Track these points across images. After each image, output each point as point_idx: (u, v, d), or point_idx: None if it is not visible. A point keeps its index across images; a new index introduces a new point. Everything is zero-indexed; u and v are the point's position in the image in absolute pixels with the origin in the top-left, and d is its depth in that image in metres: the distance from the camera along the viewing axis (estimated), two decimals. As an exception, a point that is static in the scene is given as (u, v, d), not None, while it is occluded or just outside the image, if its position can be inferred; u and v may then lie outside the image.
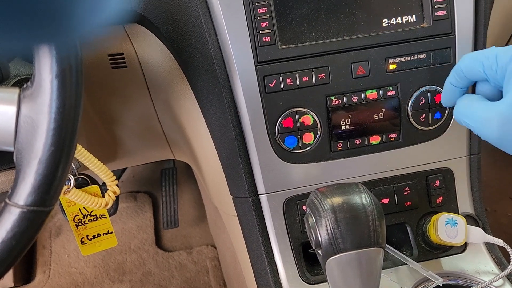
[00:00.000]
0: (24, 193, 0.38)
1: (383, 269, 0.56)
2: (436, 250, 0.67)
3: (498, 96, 0.51)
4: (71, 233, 1.44)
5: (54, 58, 0.38)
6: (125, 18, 0.64)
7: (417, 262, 0.62)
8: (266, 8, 0.59)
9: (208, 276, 1.37)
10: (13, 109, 0.39)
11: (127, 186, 1.55)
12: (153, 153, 0.94)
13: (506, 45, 0.83)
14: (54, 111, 0.37)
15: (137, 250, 1.43)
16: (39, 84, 0.38)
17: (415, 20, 0.62)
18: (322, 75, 0.61)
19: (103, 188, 0.68)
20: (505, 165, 1.45)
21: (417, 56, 0.63)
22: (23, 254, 0.41)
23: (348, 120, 0.63)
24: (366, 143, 0.65)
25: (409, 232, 0.68)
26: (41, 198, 0.39)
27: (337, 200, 0.51)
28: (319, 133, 0.63)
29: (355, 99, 0.62)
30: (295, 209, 0.66)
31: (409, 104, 0.64)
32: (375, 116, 0.64)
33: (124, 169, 1.51)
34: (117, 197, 0.67)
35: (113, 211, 0.72)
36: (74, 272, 1.39)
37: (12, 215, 0.38)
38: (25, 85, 0.39)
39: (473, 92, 0.54)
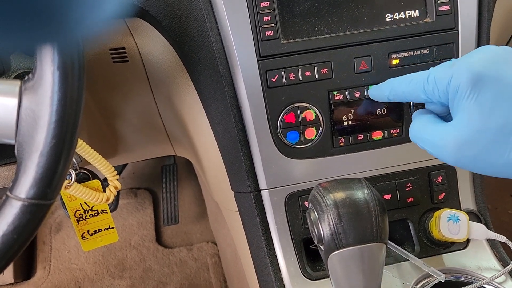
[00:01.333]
0: (25, 186, 0.38)
1: (385, 265, 0.56)
2: (438, 246, 0.67)
3: (448, 110, 0.50)
4: (71, 229, 1.44)
5: (56, 50, 0.37)
6: (127, 12, 0.64)
7: (419, 258, 0.62)
8: (268, 2, 0.58)
9: (209, 272, 1.37)
10: (14, 102, 0.39)
11: (128, 182, 1.54)
12: (154, 148, 0.94)
13: (507, 44, 0.83)
14: (56, 103, 0.37)
15: (137, 246, 1.42)
16: (40, 76, 0.38)
17: (418, 15, 0.62)
18: (325, 70, 0.61)
19: (104, 183, 0.67)
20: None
21: (420, 51, 0.62)
22: (24, 247, 0.40)
23: (350, 116, 0.63)
24: (368, 138, 0.64)
25: (411, 228, 0.68)
26: (43, 191, 0.38)
27: (339, 195, 0.50)
28: (321, 128, 0.63)
29: (357, 94, 0.62)
30: (296, 204, 0.65)
31: (411, 103, 0.63)
32: (377, 112, 0.63)
33: (125, 166, 1.51)
34: (118, 194, 0.67)
35: (113, 207, 0.72)
36: (74, 268, 1.39)
37: (13, 208, 0.38)
38: (26, 77, 0.39)
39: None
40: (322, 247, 0.52)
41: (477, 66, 0.43)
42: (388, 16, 0.62)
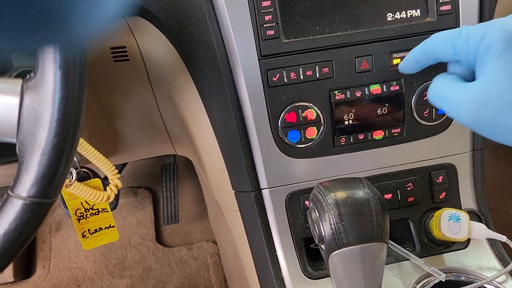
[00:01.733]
0: (26, 185, 0.38)
1: (385, 264, 0.56)
2: (439, 246, 0.67)
3: (471, 75, 0.49)
4: (71, 228, 1.44)
5: (58, 49, 0.37)
6: (128, 11, 0.64)
7: (420, 257, 0.62)
8: (270, 2, 0.58)
9: (209, 272, 1.37)
10: (16, 100, 0.39)
11: (128, 181, 1.54)
12: (155, 147, 0.94)
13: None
14: (58, 102, 0.37)
15: (137, 245, 1.42)
16: (42, 75, 0.38)
17: (419, 14, 0.62)
18: (326, 69, 0.61)
19: (105, 182, 0.67)
20: (507, 163, 1.45)
21: (422, 51, 0.62)
22: (25, 246, 0.40)
23: (351, 115, 0.63)
24: (369, 138, 0.64)
25: (411, 228, 0.68)
26: (44, 190, 0.38)
27: (340, 194, 0.50)
28: (322, 127, 0.63)
29: (358, 94, 0.62)
30: (297, 204, 0.65)
31: (413, 99, 0.63)
32: (378, 111, 0.63)
33: (125, 165, 1.51)
34: (118, 192, 0.67)
35: (113, 206, 0.72)
36: (74, 267, 1.39)
37: (15, 207, 0.38)
38: (28, 76, 0.39)
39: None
40: (323, 246, 0.52)
41: None
42: (389, 15, 0.62)
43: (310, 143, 0.63)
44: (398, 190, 0.66)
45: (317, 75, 0.61)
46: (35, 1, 0.20)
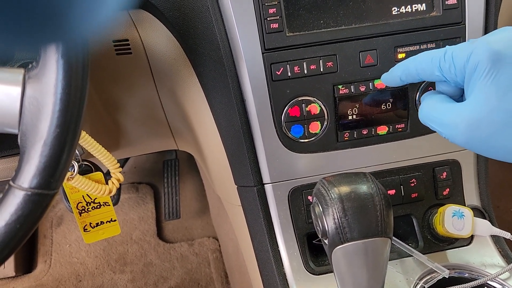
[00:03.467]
0: (28, 176, 0.38)
1: (388, 260, 0.55)
2: (442, 242, 0.67)
3: (459, 92, 0.49)
4: (72, 223, 1.44)
5: (60, 39, 0.37)
6: (131, 4, 0.63)
7: (423, 254, 0.62)
8: (274, -6, 0.58)
9: (210, 267, 1.36)
10: (17, 90, 0.38)
11: (129, 177, 1.54)
12: (156, 142, 0.93)
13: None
14: (60, 92, 0.37)
15: (138, 241, 1.42)
16: (44, 65, 0.37)
17: (425, 8, 0.61)
18: (330, 63, 0.60)
19: (107, 176, 0.67)
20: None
21: (427, 46, 0.62)
22: (26, 238, 0.40)
23: (355, 110, 0.62)
24: (373, 133, 0.64)
25: (415, 224, 0.68)
26: (46, 181, 0.38)
27: (344, 189, 0.50)
28: (325, 122, 0.62)
29: (363, 89, 0.62)
30: (300, 199, 0.65)
31: (417, 94, 0.63)
32: (382, 106, 0.63)
33: (126, 160, 1.51)
34: (119, 188, 0.67)
35: (115, 201, 0.71)
36: (75, 262, 1.38)
37: (16, 198, 0.38)
38: (30, 66, 0.39)
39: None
40: (326, 241, 0.51)
41: (498, 45, 0.41)
42: (394, 9, 0.61)
43: (313, 138, 0.63)
44: (402, 186, 0.66)
45: (321, 69, 0.60)
46: (36, 3, 0.19)
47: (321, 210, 0.51)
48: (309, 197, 0.64)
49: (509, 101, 0.40)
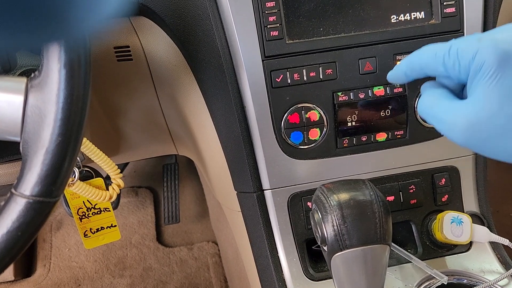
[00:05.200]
0: (30, 184, 0.38)
1: (388, 266, 0.56)
2: (441, 249, 0.67)
3: (461, 88, 0.48)
4: (71, 227, 1.44)
5: (63, 48, 0.37)
6: (131, 11, 0.64)
7: (422, 260, 0.62)
8: (274, 2, 0.58)
9: (209, 272, 1.36)
10: (20, 99, 0.39)
11: (129, 181, 1.54)
12: (156, 147, 0.94)
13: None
14: (62, 101, 0.37)
15: (137, 245, 1.42)
16: (47, 74, 0.37)
17: (423, 16, 0.62)
18: (329, 70, 0.61)
19: (107, 181, 0.67)
20: (508, 166, 1.45)
21: (425, 53, 0.62)
22: (28, 245, 0.40)
23: (354, 117, 0.63)
24: (372, 140, 0.64)
25: (414, 230, 0.68)
26: (48, 189, 0.38)
27: (343, 196, 0.50)
28: (325, 129, 0.62)
29: (362, 96, 0.62)
30: (299, 205, 0.65)
31: (416, 101, 0.63)
32: (381, 113, 0.63)
33: (126, 164, 1.51)
34: (120, 192, 0.67)
35: (115, 205, 0.72)
36: (75, 266, 1.38)
37: (18, 205, 0.38)
38: (32, 75, 0.39)
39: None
40: (325, 248, 0.51)
41: (506, 46, 0.40)
42: (393, 17, 0.61)
43: (313, 145, 0.63)
44: (401, 192, 0.66)
45: (321, 76, 0.61)
46: (38, 3, 0.20)
47: (320, 217, 0.51)
48: (309, 203, 0.65)
49: (511, 105, 0.39)
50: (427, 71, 0.48)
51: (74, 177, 0.61)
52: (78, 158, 0.63)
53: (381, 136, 0.64)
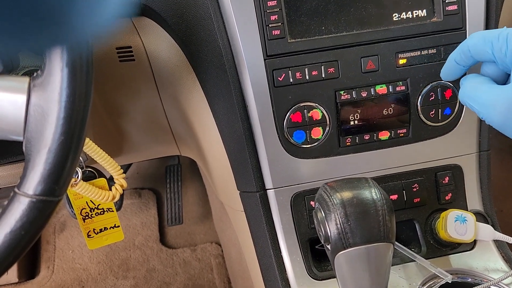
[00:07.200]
0: (33, 183, 0.38)
1: (391, 265, 0.55)
2: (445, 247, 0.67)
3: (504, 78, 0.50)
4: (75, 229, 1.44)
5: (65, 48, 0.37)
6: (133, 11, 0.64)
7: (426, 259, 0.62)
8: (275, 1, 0.58)
9: (212, 273, 1.36)
10: (23, 98, 0.39)
11: (132, 182, 1.54)
12: (159, 148, 0.94)
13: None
14: (65, 100, 0.37)
15: (141, 246, 1.42)
16: (49, 73, 0.38)
17: (425, 14, 0.62)
18: (332, 69, 0.61)
19: (110, 182, 0.67)
20: None
21: (428, 51, 0.62)
22: (31, 244, 0.40)
23: (357, 115, 0.63)
24: (375, 138, 0.64)
25: (417, 229, 0.68)
26: (51, 188, 0.38)
27: (346, 194, 0.50)
28: (327, 128, 0.62)
29: (364, 94, 0.62)
30: (302, 204, 0.65)
31: (419, 99, 0.63)
32: (384, 112, 0.63)
33: (129, 166, 1.51)
34: (122, 193, 0.67)
35: (118, 206, 0.72)
36: (78, 268, 1.39)
37: (21, 205, 0.38)
38: (35, 74, 0.39)
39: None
40: (328, 246, 0.51)
41: None
42: (395, 15, 0.61)
43: (315, 144, 0.63)
44: (404, 191, 0.66)
45: (323, 75, 0.61)
46: (39, 5, 0.20)
47: (324, 215, 0.51)
48: (312, 203, 0.65)
49: None
50: (474, 54, 0.50)
51: (77, 177, 0.61)
52: (81, 159, 0.63)
53: (384, 135, 0.64)
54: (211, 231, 1.46)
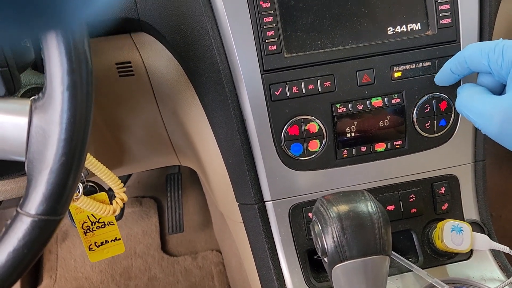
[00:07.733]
0: (35, 203, 0.39)
1: (388, 276, 0.56)
2: (442, 257, 0.67)
3: (500, 89, 0.50)
4: (77, 238, 1.45)
5: (65, 69, 0.38)
6: (132, 27, 0.65)
7: (423, 269, 0.63)
8: (272, 17, 0.59)
9: (213, 281, 1.37)
10: (24, 120, 0.40)
11: (133, 191, 1.55)
12: (159, 159, 0.94)
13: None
14: (65, 122, 0.38)
15: (142, 255, 1.43)
16: (50, 96, 0.39)
17: (420, 28, 0.63)
18: (328, 83, 0.62)
19: (110, 193, 0.68)
20: (510, 171, 1.45)
21: (422, 64, 0.63)
22: (33, 263, 0.41)
23: (353, 128, 0.64)
24: (371, 150, 0.65)
25: (414, 239, 0.68)
26: (52, 207, 0.39)
27: (343, 208, 0.51)
28: (324, 140, 0.63)
29: (360, 107, 0.63)
30: (300, 216, 0.66)
31: (414, 111, 0.64)
32: (380, 124, 0.64)
33: (130, 175, 1.52)
34: (123, 205, 0.68)
35: (119, 216, 0.73)
36: (80, 277, 1.39)
37: (24, 224, 0.39)
38: (36, 96, 0.40)
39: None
40: (326, 259, 0.52)
41: None
42: (390, 29, 0.62)
43: (312, 156, 0.64)
44: (401, 202, 0.67)
45: (319, 89, 0.62)
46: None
47: (321, 229, 0.52)
48: (310, 214, 0.65)
49: None
50: (471, 65, 0.50)
51: (79, 192, 0.62)
52: (82, 174, 0.64)
53: (380, 146, 0.65)
54: (211, 239, 1.46)
